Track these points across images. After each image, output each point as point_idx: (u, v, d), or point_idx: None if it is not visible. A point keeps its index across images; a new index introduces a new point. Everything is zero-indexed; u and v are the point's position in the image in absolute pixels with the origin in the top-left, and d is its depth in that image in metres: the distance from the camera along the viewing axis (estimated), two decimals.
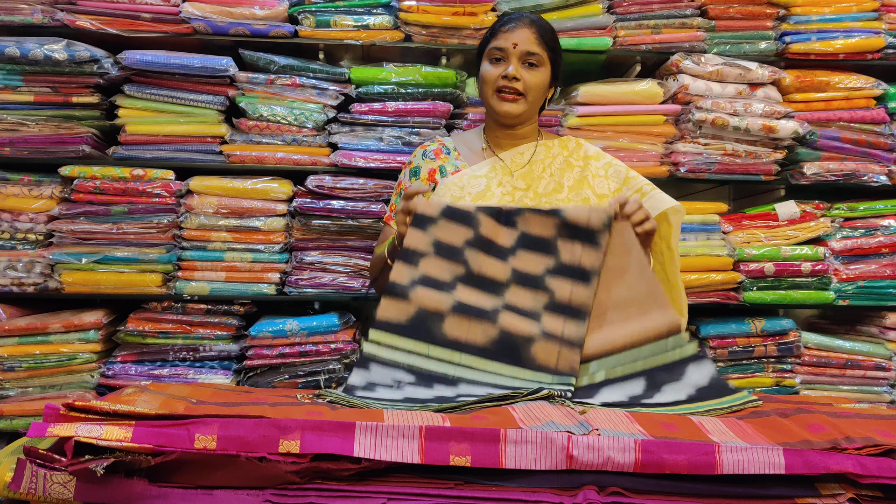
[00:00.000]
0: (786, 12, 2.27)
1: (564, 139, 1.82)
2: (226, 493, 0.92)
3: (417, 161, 1.82)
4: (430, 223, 1.48)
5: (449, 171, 1.75)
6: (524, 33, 1.66)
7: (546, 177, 1.73)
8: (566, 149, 1.78)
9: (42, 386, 2.09)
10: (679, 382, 1.32)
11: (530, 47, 1.66)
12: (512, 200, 1.68)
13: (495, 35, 1.70)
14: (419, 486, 0.94)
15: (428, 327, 1.41)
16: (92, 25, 2.10)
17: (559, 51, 1.74)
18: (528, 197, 1.69)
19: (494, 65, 1.68)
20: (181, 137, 2.16)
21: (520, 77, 1.66)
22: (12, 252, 2.11)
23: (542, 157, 1.76)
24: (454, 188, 1.71)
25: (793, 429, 1.06)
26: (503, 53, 1.67)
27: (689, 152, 2.25)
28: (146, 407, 0.99)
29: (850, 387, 2.25)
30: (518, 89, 1.66)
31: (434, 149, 1.81)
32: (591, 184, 1.72)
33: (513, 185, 1.71)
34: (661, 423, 1.07)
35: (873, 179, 2.28)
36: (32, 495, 0.89)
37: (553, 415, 1.07)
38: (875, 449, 0.98)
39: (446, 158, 1.79)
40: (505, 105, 1.68)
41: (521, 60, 1.66)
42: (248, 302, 2.18)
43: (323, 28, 2.19)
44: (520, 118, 1.71)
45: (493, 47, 1.68)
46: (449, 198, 1.69)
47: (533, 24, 1.69)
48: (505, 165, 1.74)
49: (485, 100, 1.73)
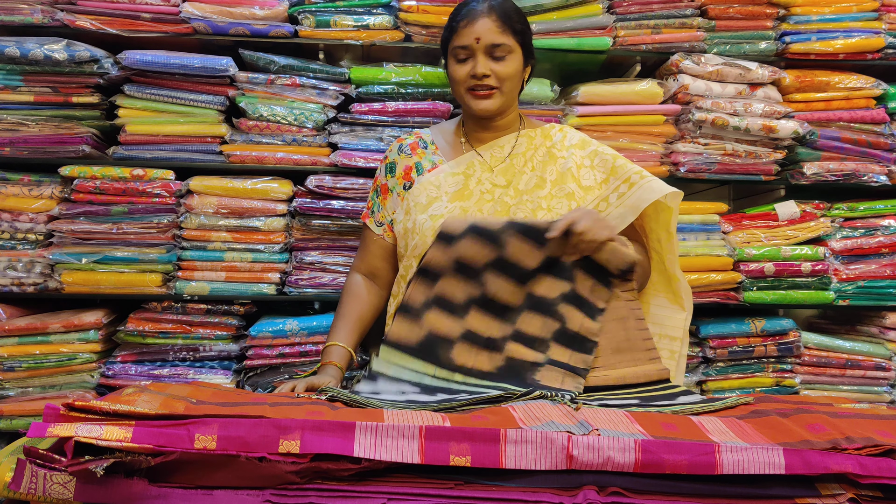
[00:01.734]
0: (786, 12, 2.27)
1: (548, 127, 1.72)
2: (226, 494, 0.92)
3: (393, 156, 1.74)
4: (456, 240, 1.46)
5: (426, 168, 1.67)
6: (484, 24, 1.54)
7: (527, 171, 1.64)
8: (549, 138, 1.69)
9: (42, 386, 2.09)
10: (671, 402, 1.35)
11: (494, 38, 1.55)
12: (491, 199, 1.61)
13: (455, 31, 1.58)
14: (419, 486, 0.94)
15: (437, 352, 1.44)
16: (92, 25, 2.10)
17: (528, 29, 1.63)
18: (509, 195, 1.61)
19: (461, 64, 1.59)
20: (181, 137, 2.16)
21: (489, 72, 1.57)
22: (12, 252, 2.11)
23: (524, 149, 1.67)
24: (430, 187, 1.64)
25: (793, 429, 1.06)
26: (467, 52, 1.57)
27: (689, 152, 2.25)
28: (146, 407, 0.98)
29: (850, 387, 2.25)
30: (491, 84, 1.58)
31: (410, 143, 1.74)
32: (577, 175, 1.63)
33: (492, 181, 1.63)
34: (661, 423, 1.07)
35: (873, 179, 2.28)
36: (32, 495, 0.89)
37: (553, 414, 1.07)
38: (875, 449, 0.98)
39: (423, 153, 1.70)
40: (480, 103, 1.60)
41: (487, 54, 1.56)
42: (248, 302, 2.18)
43: (323, 28, 2.19)
44: (498, 111, 1.63)
45: (455, 46, 1.58)
46: (425, 198, 1.63)
47: (492, 10, 1.56)
48: (484, 161, 1.66)
49: (459, 98, 1.64)
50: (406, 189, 1.67)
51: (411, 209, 1.63)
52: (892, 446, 0.98)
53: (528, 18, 2.18)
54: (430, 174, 1.66)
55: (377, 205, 1.73)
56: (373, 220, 1.73)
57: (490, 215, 1.59)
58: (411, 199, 1.64)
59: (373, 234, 1.72)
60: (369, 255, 1.73)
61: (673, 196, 1.59)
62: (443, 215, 1.58)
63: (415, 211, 1.62)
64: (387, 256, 1.72)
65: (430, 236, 1.54)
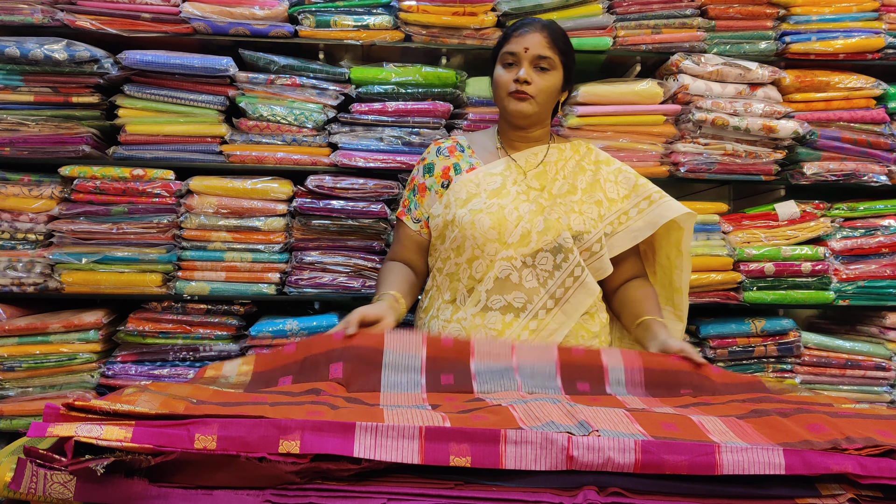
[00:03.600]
0: (786, 12, 2.27)
1: (576, 143, 1.84)
2: (226, 494, 0.92)
3: (431, 158, 1.82)
4: None
5: (464, 169, 1.76)
6: (535, 38, 1.69)
7: (560, 178, 1.75)
8: (577, 152, 1.81)
9: (42, 386, 2.09)
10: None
11: (541, 51, 1.68)
12: (527, 200, 1.69)
13: (508, 40, 1.72)
14: (419, 486, 0.94)
15: None
16: (92, 25, 2.10)
17: (572, 54, 1.77)
18: (543, 197, 1.71)
19: (507, 69, 1.71)
20: (181, 137, 2.16)
21: (531, 80, 1.68)
22: (12, 252, 2.11)
23: (555, 159, 1.78)
24: (470, 185, 1.72)
25: (793, 428, 1.06)
26: (515, 58, 1.69)
27: (689, 152, 2.25)
28: (146, 406, 0.98)
29: (850, 387, 2.25)
30: (529, 92, 1.69)
31: (448, 146, 1.83)
32: (603, 187, 1.75)
33: (527, 184, 1.73)
34: (662, 423, 1.07)
35: (873, 179, 2.28)
36: (32, 495, 0.89)
37: (553, 414, 1.07)
38: (875, 449, 0.97)
39: (461, 156, 1.80)
40: (517, 104, 1.70)
41: (532, 64, 1.69)
42: (248, 302, 2.19)
43: (323, 28, 2.19)
44: (531, 119, 1.73)
45: (505, 52, 1.71)
46: (465, 193, 1.71)
47: (545, 28, 1.71)
48: (518, 165, 1.76)
49: (499, 101, 1.75)
50: (444, 187, 1.75)
51: (451, 203, 1.71)
52: (893, 446, 0.98)
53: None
54: (469, 173, 1.75)
55: (414, 202, 1.80)
56: (409, 216, 1.80)
57: (527, 212, 1.68)
58: (452, 195, 1.72)
59: (409, 229, 1.79)
60: (404, 249, 1.80)
61: (686, 217, 1.72)
62: (482, 210, 1.67)
63: (455, 205, 1.70)
64: (421, 251, 1.80)
65: (469, 229, 1.65)
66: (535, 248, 1.64)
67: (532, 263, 1.64)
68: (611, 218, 1.72)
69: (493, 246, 1.65)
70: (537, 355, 1.44)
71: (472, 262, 1.67)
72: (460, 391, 1.39)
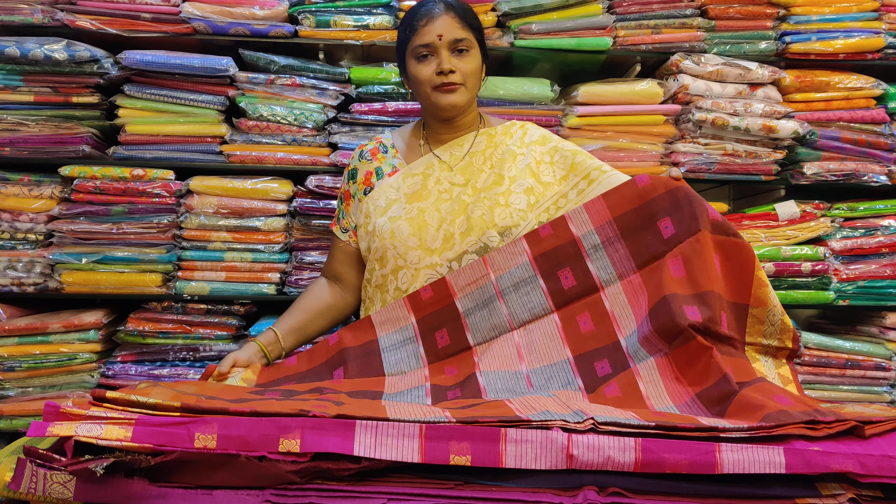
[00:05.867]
0: (786, 12, 2.27)
1: (508, 125, 1.71)
2: (226, 493, 0.92)
3: (355, 163, 1.74)
4: None
5: (385, 173, 1.68)
6: (445, 21, 1.56)
7: (486, 169, 1.63)
8: (509, 136, 1.68)
9: (42, 386, 2.09)
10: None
11: (456, 34, 1.56)
12: (449, 198, 1.60)
13: (415, 31, 1.59)
14: (419, 486, 0.94)
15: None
16: (92, 25, 2.10)
17: (482, 27, 1.65)
18: (467, 193, 1.60)
19: (423, 62, 1.58)
20: (181, 137, 2.16)
21: (455, 68, 1.57)
22: (12, 252, 2.11)
23: (483, 146, 1.67)
24: (389, 190, 1.64)
25: (764, 400, 1.07)
26: (430, 49, 1.57)
27: (689, 152, 2.25)
28: (161, 398, 0.98)
29: (850, 387, 2.25)
30: (456, 80, 1.58)
31: (371, 148, 1.74)
32: (536, 171, 1.61)
33: (451, 181, 1.63)
34: (654, 412, 1.08)
35: (873, 179, 2.28)
36: (32, 495, 0.89)
37: (548, 405, 1.08)
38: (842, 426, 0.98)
39: (383, 158, 1.71)
40: (448, 97, 1.59)
41: (450, 50, 1.57)
42: (248, 302, 2.19)
43: (323, 28, 2.19)
44: (464, 106, 1.63)
45: (417, 45, 1.58)
46: (384, 201, 1.63)
47: (450, 8, 1.59)
48: (443, 161, 1.66)
49: (424, 99, 1.64)
50: (366, 194, 1.68)
51: (371, 213, 1.64)
52: (856, 422, 0.99)
53: (529, 18, 2.21)
54: (389, 178, 1.67)
55: (342, 212, 1.74)
56: (338, 227, 1.74)
57: (448, 213, 1.59)
58: (371, 203, 1.65)
59: (339, 241, 1.74)
60: (334, 261, 1.75)
61: None
62: (401, 216, 1.60)
63: (374, 214, 1.63)
64: (351, 262, 1.73)
65: (389, 239, 1.58)
66: (460, 250, 1.54)
67: (459, 268, 1.52)
68: (546, 204, 1.57)
69: (415, 254, 1.56)
70: (511, 262, 1.45)
71: (397, 272, 1.58)
72: (458, 351, 1.41)
